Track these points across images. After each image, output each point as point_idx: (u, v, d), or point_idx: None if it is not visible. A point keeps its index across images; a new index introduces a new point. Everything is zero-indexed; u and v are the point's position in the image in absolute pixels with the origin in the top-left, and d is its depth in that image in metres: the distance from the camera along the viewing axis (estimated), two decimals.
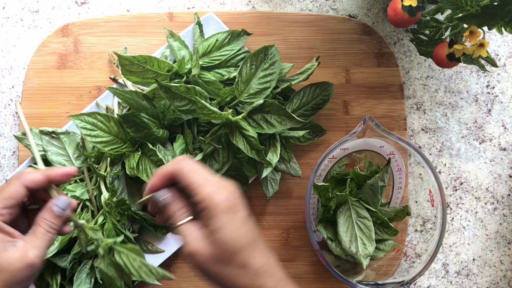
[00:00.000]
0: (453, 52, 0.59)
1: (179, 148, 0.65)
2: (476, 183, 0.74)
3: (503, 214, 0.74)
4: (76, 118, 0.62)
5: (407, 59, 0.75)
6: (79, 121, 0.62)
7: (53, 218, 0.47)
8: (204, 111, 0.61)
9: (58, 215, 0.47)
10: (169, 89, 0.60)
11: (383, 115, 0.73)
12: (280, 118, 0.64)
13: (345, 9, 0.75)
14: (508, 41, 0.75)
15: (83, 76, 0.71)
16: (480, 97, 0.75)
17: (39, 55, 0.71)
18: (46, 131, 0.65)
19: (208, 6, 0.74)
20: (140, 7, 0.74)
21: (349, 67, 0.73)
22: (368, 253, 0.64)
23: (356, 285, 0.61)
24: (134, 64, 0.63)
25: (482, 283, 0.73)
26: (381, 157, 0.69)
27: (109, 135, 0.64)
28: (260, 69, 0.65)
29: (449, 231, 0.74)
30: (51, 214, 0.47)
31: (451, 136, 0.74)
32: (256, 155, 0.63)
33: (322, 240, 0.68)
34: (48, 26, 0.73)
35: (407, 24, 0.60)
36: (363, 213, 0.65)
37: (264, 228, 0.71)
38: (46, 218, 0.47)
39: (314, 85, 0.68)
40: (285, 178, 0.72)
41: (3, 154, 0.72)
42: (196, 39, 0.69)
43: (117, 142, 0.64)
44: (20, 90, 0.72)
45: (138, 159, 0.64)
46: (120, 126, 0.64)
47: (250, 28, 0.70)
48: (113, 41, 0.72)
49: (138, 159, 0.64)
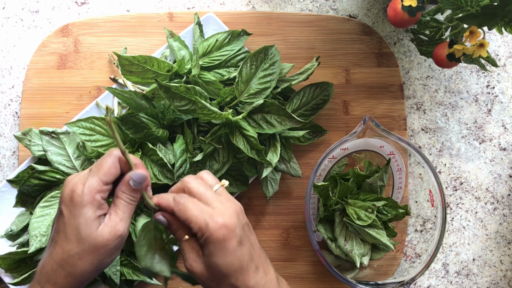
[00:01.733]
0: (453, 52, 0.59)
1: (179, 148, 0.65)
2: (476, 183, 0.74)
3: (503, 214, 0.74)
4: (74, 125, 0.62)
5: (407, 59, 0.75)
6: (77, 128, 0.62)
7: (131, 191, 0.48)
8: (204, 111, 0.61)
9: (135, 188, 0.48)
10: (169, 89, 0.60)
11: (383, 115, 0.73)
12: (280, 118, 0.64)
13: (345, 9, 0.75)
14: (508, 41, 0.75)
15: (83, 76, 0.71)
16: (480, 97, 0.75)
17: (39, 55, 0.71)
18: (46, 131, 0.65)
19: (208, 6, 0.74)
20: (140, 7, 0.74)
21: (349, 67, 0.73)
22: (363, 252, 0.64)
23: (356, 285, 0.61)
24: (134, 64, 0.63)
25: (482, 283, 0.73)
26: (381, 157, 0.69)
27: (109, 138, 0.64)
28: (260, 69, 0.65)
29: (449, 231, 0.74)
30: (128, 187, 0.48)
31: (451, 136, 0.74)
32: (256, 155, 0.63)
33: (322, 240, 0.68)
34: (48, 26, 0.73)
35: (407, 24, 0.60)
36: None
37: (264, 228, 0.71)
38: (124, 191, 0.48)
39: (314, 85, 0.68)
40: (285, 178, 0.72)
41: (3, 154, 0.72)
42: (196, 39, 0.69)
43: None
44: (20, 90, 0.72)
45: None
46: (119, 127, 0.64)
47: (250, 28, 0.70)
48: (113, 41, 0.72)
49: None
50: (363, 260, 0.65)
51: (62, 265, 0.46)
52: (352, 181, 0.67)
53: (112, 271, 0.63)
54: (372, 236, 0.63)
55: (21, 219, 0.66)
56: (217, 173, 0.65)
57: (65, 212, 0.46)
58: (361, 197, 0.65)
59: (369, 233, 0.63)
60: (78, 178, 0.47)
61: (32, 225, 0.62)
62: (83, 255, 0.46)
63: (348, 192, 0.66)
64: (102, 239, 0.46)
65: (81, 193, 0.45)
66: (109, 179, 0.47)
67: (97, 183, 0.46)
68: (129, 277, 0.65)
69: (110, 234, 0.46)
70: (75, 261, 0.46)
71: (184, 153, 0.65)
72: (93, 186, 0.46)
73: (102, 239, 0.46)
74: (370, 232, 0.63)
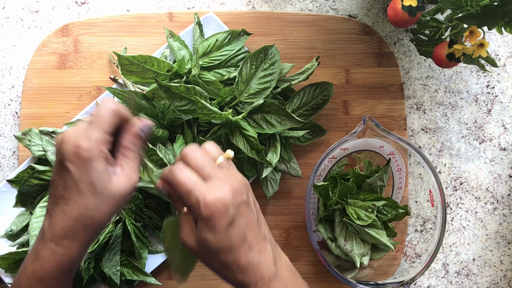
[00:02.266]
0: (453, 52, 0.59)
1: (179, 149, 0.65)
2: (476, 183, 0.74)
3: (503, 214, 0.74)
4: (74, 125, 0.62)
5: (407, 59, 0.75)
6: None
7: (139, 140, 0.48)
8: (204, 111, 0.61)
9: (144, 138, 0.48)
10: (169, 89, 0.60)
11: (383, 115, 0.73)
12: (280, 118, 0.64)
13: (345, 9, 0.75)
14: (508, 41, 0.75)
15: (83, 76, 0.71)
16: (480, 97, 0.75)
17: (39, 55, 0.71)
18: (46, 131, 0.65)
19: (208, 6, 0.74)
20: (140, 7, 0.74)
21: (349, 67, 0.73)
22: (363, 252, 0.64)
23: (356, 285, 0.61)
24: (134, 64, 0.63)
25: (482, 283, 0.73)
26: (381, 157, 0.69)
27: None
28: (260, 69, 0.65)
29: (449, 231, 0.74)
30: (136, 137, 0.48)
31: (451, 136, 0.74)
32: (256, 155, 0.63)
33: (322, 240, 0.68)
34: (48, 26, 0.73)
35: (407, 24, 0.60)
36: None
37: None
38: (131, 141, 0.48)
39: (314, 85, 0.68)
40: (285, 178, 0.72)
41: (3, 154, 0.72)
42: (196, 39, 0.69)
43: None
44: (20, 90, 0.72)
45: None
46: None
47: (250, 28, 0.70)
48: (113, 41, 0.72)
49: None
50: (363, 260, 0.65)
51: (80, 219, 0.45)
52: (352, 181, 0.67)
53: (112, 271, 0.63)
54: (372, 236, 0.63)
55: (21, 219, 0.66)
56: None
57: (72, 168, 0.45)
58: (361, 197, 0.65)
59: (369, 233, 0.63)
60: (79, 132, 0.45)
61: (32, 225, 0.62)
62: (101, 207, 0.45)
63: (348, 192, 0.66)
64: (121, 190, 0.46)
65: (88, 147, 0.44)
66: (109, 130, 0.46)
67: (100, 135, 0.45)
68: (129, 277, 0.65)
69: (128, 185, 0.46)
70: (94, 214, 0.45)
71: None
72: (98, 138, 0.45)
73: (120, 191, 0.46)
74: (370, 232, 0.63)
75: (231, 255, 0.46)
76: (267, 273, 0.47)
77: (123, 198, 0.47)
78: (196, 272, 0.70)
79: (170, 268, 0.70)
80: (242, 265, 0.46)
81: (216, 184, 0.46)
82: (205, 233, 0.45)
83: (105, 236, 0.63)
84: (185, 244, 0.48)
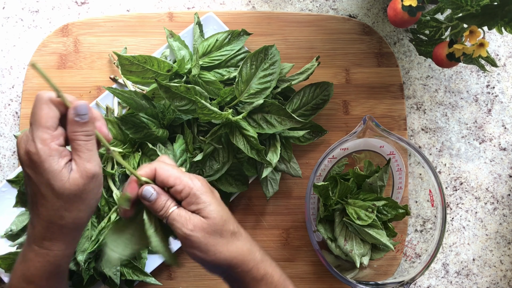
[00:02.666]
0: (453, 52, 0.59)
1: (179, 149, 0.65)
2: (476, 183, 0.74)
3: (503, 214, 0.74)
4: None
5: (407, 59, 0.75)
6: None
7: (81, 127, 0.46)
8: (204, 111, 0.61)
9: (84, 122, 0.46)
10: (169, 89, 0.60)
11: (383, 115, 0.73)
12: (280, 118, 0.64)
13: (345, 9, 0.75)
14: (508, 41, 0.75)
15: (83, 76, 0.71)
16: (480, 97, 0.75)
17: (39, 55, 0.71)
18: None
19: (208, 6, 0.74)
20: (140, 7, 0.74)
21: (349, 67, 0.73)
22: (362, 252, 0.64)
23: (356, 285, 0.61)
24: (134, 64, 0.63)
25: (482, 283, 0.73)
26: (381, 157, 0.69)
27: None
28: (260, 69, 0.65)
29: (449, 231, 0.74)
30: (77, 124, 0.45)
31: (451, 136, 0.74)
32: (256, 155, 0.63)
33: (322, 240, 0.68)
34: (48, 26, 0.73)
35: (407, 24, 0.60)
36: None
37: (264, 228, 0.71)
38: (74, 130, 0.46)
39: (314, 85, 0.68)
40: (285, 178, 0.72)
41: (3, 154, 0.72)
42: (196, 39, 0.69)
43: (116, 144, 0.64)
44: (20, 90, 0.72)
45: (139, 160, 0.64)
46: (119, 127, 0.64)
47: (250, 28, 0.70)
48: (113, 41, 0.72)
49: (139, 160, 0.64)
50: (363, 260, 0.65)
51: (52, 220, 0.45)
52: (352, 181, 0.67)
53: (112, 271, 0.63)
54: (372, 236, 0.63)
55: (21, 219, 0.66)
56: (217, 173, 0.65)
57: (30, 173, 0.45)
58: (361, 197, 0.65)
59: (369, 233, 0.63)
60: (26, 136, 0.45)
61: None
62: (67, 206, 0.45)
63: (348, 192, 0.66)
64: (77, 186, 0.45)
65: (36, 150, 0.44)
66: (51, 123, 0.45)
67: (43, 133, 0.44)
68: (129, 277, 0.65)
69: (83, 178, 0.45)
70: (62, 214, 0.45)
71: (184, 153, 0.65)
72: (43, 138, 0.44)
73: (77, 186, 0.45)
74: (370, 232, 0.63)
75: (232, 222, 0.51)
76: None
77: (86, 193, 0.46)
78: (196, 272, 0.70)
79: (165, 262, 0.70)
80: (244, 231, 0.52)
81: (190, 173, 0.50)
82: (211, 206, 0.48)
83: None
84: (192, 230, 0.48)
